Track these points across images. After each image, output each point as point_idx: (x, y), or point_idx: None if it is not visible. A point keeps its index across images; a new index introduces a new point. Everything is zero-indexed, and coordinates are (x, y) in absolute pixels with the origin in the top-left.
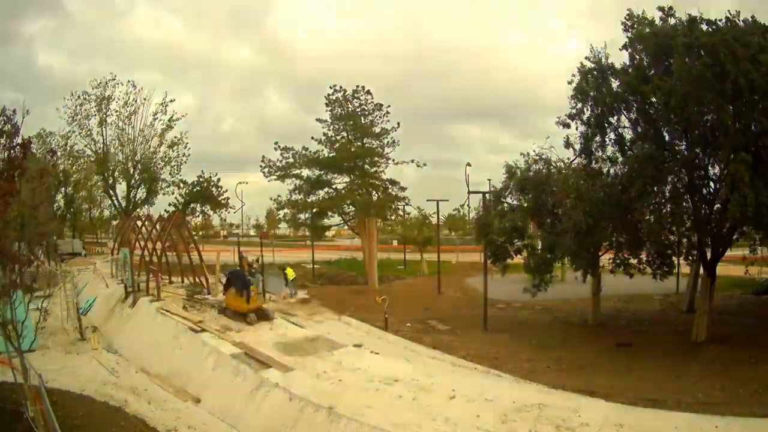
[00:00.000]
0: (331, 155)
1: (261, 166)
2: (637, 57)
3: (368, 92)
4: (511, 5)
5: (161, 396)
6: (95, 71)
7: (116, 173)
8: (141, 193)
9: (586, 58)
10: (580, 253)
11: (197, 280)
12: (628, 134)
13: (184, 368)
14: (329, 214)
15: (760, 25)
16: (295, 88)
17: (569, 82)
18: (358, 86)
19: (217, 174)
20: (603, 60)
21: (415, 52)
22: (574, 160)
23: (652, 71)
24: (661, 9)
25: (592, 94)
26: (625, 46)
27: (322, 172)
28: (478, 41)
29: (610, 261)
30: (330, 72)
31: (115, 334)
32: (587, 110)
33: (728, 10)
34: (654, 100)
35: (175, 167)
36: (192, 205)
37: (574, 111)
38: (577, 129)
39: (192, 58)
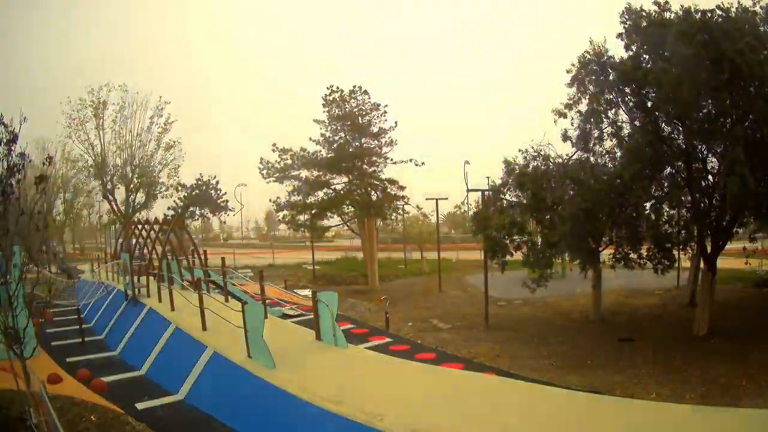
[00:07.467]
0: (329, 155)
1: (259, 168)
2: (634, 46)
3: (365, 92)
4: None
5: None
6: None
7: (114, 178)
8: (140, 197)
9: (585, 51)
10: (578, 243)
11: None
12: (626, 128)
13: None
14: (329, 214)
15: (748, 10)
16: None
17: (567, 71)
18: (354, 86)
19: (215, 176)
20: (602, 53)
21: None
22: (573, 155)
23: (650, 64)
24: (656, 3)
25: (589, 79)
26: (620, 36)
27: (321, 172)
28: None
29: (610, 256)
30: None
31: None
32: (584, 100)
33: (722, 1)
34: (649, 90)
35: (173, 170)
36: (191, 209)
37: (571, 101)
38: (573, 123)
39: None
